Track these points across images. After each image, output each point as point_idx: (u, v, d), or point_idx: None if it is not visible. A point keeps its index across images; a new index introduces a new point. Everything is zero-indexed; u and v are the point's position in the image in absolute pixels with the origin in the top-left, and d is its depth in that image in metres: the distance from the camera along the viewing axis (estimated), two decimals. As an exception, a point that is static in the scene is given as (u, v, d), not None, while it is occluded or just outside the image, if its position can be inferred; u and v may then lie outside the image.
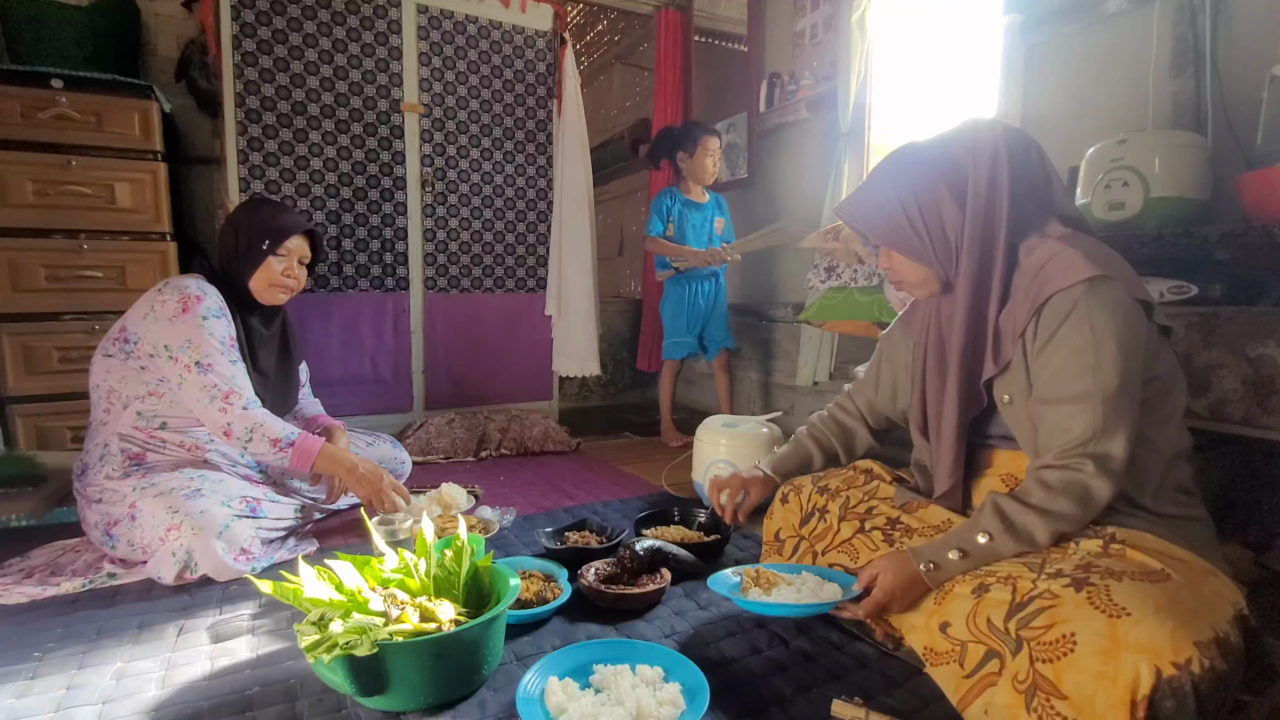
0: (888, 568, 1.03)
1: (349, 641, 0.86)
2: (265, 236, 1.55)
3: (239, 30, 2.31)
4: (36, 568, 1.41)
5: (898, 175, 1.08)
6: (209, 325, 1.45)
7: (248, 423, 1.43)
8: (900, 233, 1.07)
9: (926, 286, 1.12)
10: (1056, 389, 0.95)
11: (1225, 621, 0.78)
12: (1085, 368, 0.92)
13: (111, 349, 1.46)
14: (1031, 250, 1.02)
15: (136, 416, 1.45)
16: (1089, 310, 0.92)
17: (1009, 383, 1.04)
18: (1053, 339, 0.95)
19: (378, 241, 2.61)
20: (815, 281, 2.33)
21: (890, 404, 1.36)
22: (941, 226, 1.05)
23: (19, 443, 2.15)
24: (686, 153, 2.67)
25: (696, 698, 0.92)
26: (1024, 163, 1.03)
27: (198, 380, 1.41)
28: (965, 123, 1.07)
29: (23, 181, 2.11)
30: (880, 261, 1.17)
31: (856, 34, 2.50)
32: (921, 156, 1.07)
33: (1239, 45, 1.53)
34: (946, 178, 1.04)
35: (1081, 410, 0.92)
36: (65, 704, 0.96)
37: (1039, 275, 0.97)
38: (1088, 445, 0.92)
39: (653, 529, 1.60)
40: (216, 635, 1.16)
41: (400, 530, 1.51)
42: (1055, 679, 0.79)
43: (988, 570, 0.96)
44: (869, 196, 1.11)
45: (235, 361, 1.49)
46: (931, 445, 1.17)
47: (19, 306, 2.14)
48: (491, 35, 2.75)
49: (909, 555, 1.02)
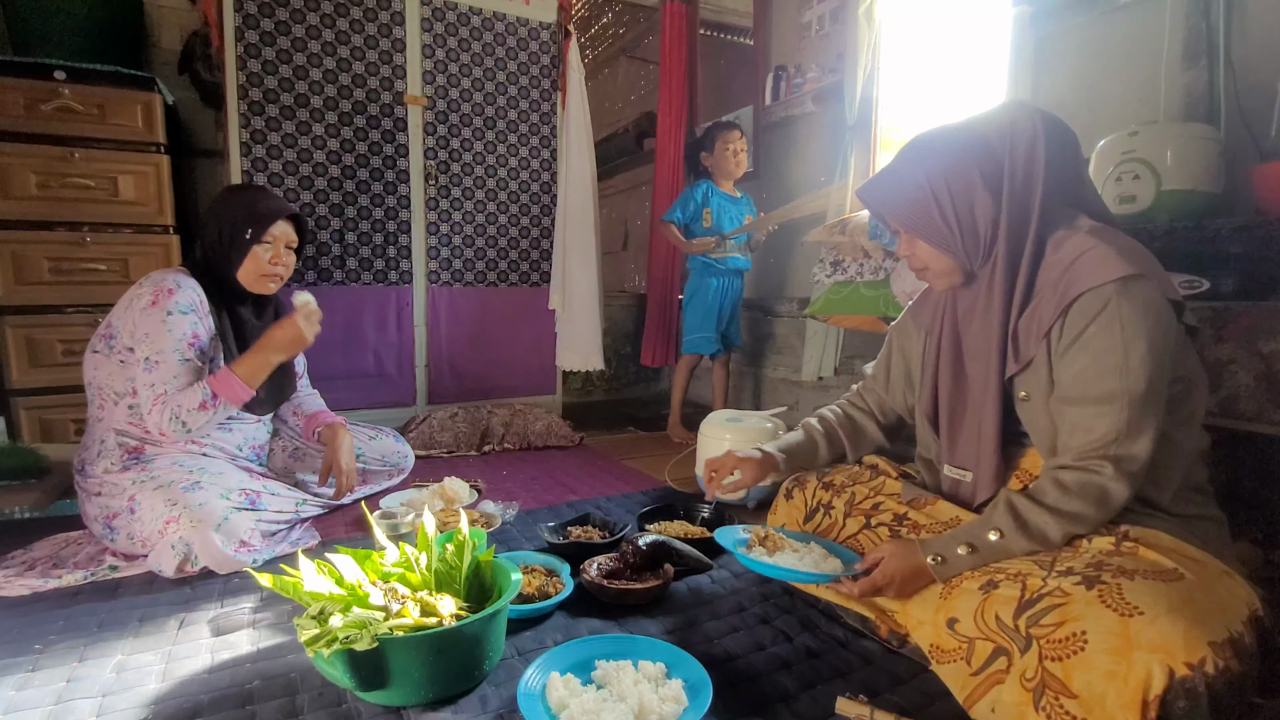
0: (894, 554, 1.03)
1: (349, 636, 0.85)
2: (248, 225, 1.49)
3: (242, 22, 2.30)
4: (39, 560, 1.40)
5: (927, 159, 1.02)
6: (171, 321, 1.41)
7: (168, 413, 1.38)
8: (927, 219, 1.03)
9: (948, 277, 1.08)
10: (1081, 389, 0.92)
11: (1240, 622, 0.76)
12: (1113, 369, 0.89)
13: (99, 345, 1.45)
14: (1059, 244, 0.97)
15: (129, 411, 1.45)
16: (1120, 310, 0.88)
17: (1029, 380, 1.01)
18: (1080, 338, 0.92)
19: (381, 235, 2.60)
20: (821, 276, 2.32)
21: (901, 398, 1.32)
22: (972, 215, 1.00)
23: (22, 435, 2.15)
24: (708, 152, 2.70)
25: (699, 694, 0.91)
26: (1060, 154, 0.98)
27: (144, 378, 1.39)
28: (1002, 105, 1.02)
29: (26, 174, 2.11)
30: (900, 248, 1.12)
31: (863, 26, 2.47)
32: (954, 140, 1.01)
33: (1253, 36, 1.50)
34: (980, 165, 0.99)
35: (1107, 412, 0.90)
36: (65, 696, 0.96)
37: (1068, 271, 0.93)
38: (1109, 447, 0.89)
39: (656, 524, 1.59)
40: (217, 628, 1.16)
41: (402, 524, 1.50)
42: (1065, 677, 0.77)
43: (997, 567, 0.95)
44: (895, 179, 1.06)
45: (185, 361, 1.42)
46: (960, 445, 1.12)
47: (22, 299, 2.14)
48: (495, 27, 2.74)
49: (916, 545, 1.01)
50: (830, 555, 1.17)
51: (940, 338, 1.15)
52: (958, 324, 1.12)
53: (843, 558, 1.16)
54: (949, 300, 1.14)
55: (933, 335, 1.18)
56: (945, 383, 1.13)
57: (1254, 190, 1.34)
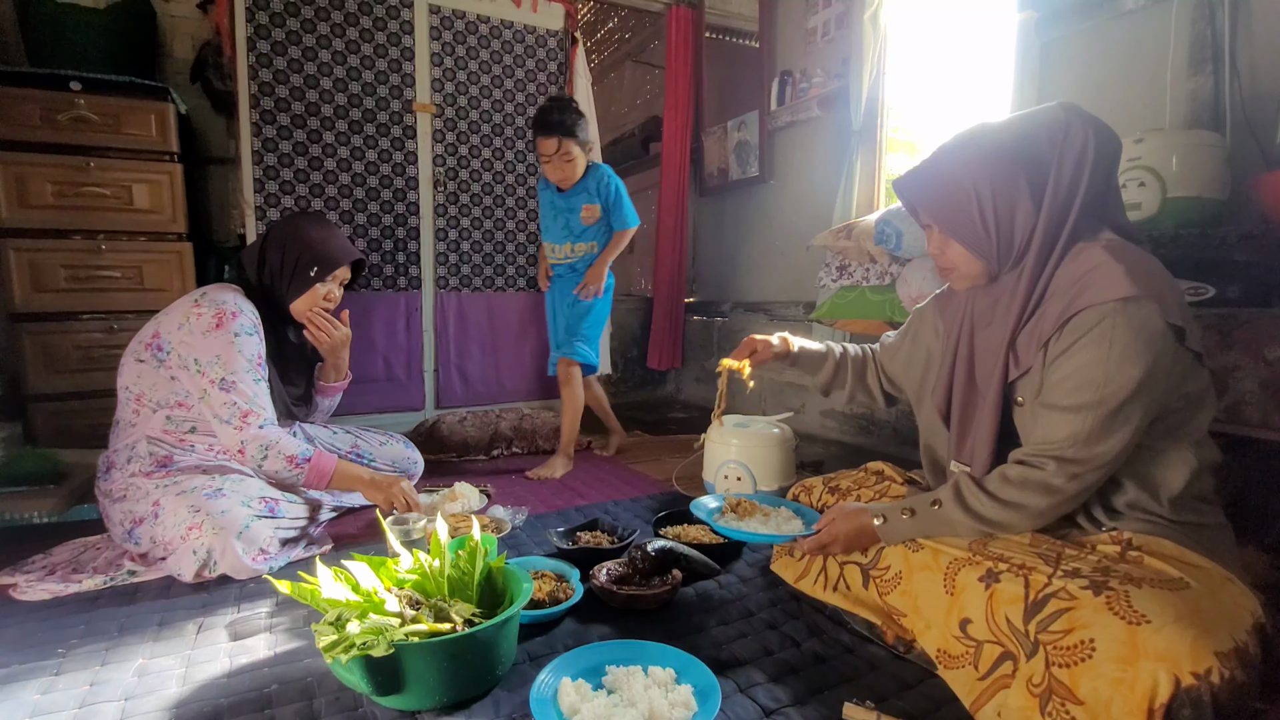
0: (842, 513, 1.15)
1: (366, 642, 0.87)
2: (314, 264, 1.57)
3: (253, 32, 2.33)
4: (59, 565, 1.43)
5: (974, 160, 0.99)
6: (240, 343, 1.46)
7: (262, 441, 1.45)
8: (966, 223, 1.01)
9: (973, 279, 1.08)
10: (1057, 396, 0.95)
11: (1244, 631, 0.77)
12: (1092, 382, 0.90)
13: (144, 354, 1.47)
14: (1078, 255, 0.97)
15: (166, 420, 1.48)
16: (1114, 328, 0.88)
17: (1025, 386, 1.02)
18: (1071, 349, 0.93)
19: (390, 241, 2.63)
20: (827, 280, 2.33)
21: (904, 376, 1.33)
22: (1012, 223, 0.99)
23: (40, 440, 2.18)
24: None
25: (708, 700, 0.93)
26: (1105, 167, 0.97)
27: (220, 397, 1.43)
28: (1053, 108, 0.99)
29: (43, 183, 2.14)
30: (931, 245, 1.10)
31: (869, 31, 2.48)
32: (1004, 143, 0.98)
33: (1259, 42, 1.51)
34: (1029, 173, 0.96)
35: (1071, 420, 0.92)
36: (89, 700, 0.98)
37: (1077, 284, 0.94)
38: (1061, 448, 0.93)
39: (673, 528, 1.60)
40: (235, 633, 1.18)
41: (415, 530, 1.52)
42: (1072, 684, 0.79)
43: (996, 555, 0.96)
44: (937, 175, 1.03)
45: (259, 381, 1.49)
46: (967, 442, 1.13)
47: (40, 306, 2.17)
48: (503, 35, 2.76)
49: (865, 508, 1.13)
50: (795, 516, 1.32)
51: (959, 337, 1.15)
52: (974, 324, 1.13)
53: (806, 519, 1.30)
54: (970, 299, 1.14)
55: (952, 332, 1.18)
56: (959, 380, 1.14)
57: (1259, 197, 1.34)
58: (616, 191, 2.29)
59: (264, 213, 2.43)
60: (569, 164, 2.19)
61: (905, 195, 1.10)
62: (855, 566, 1.19)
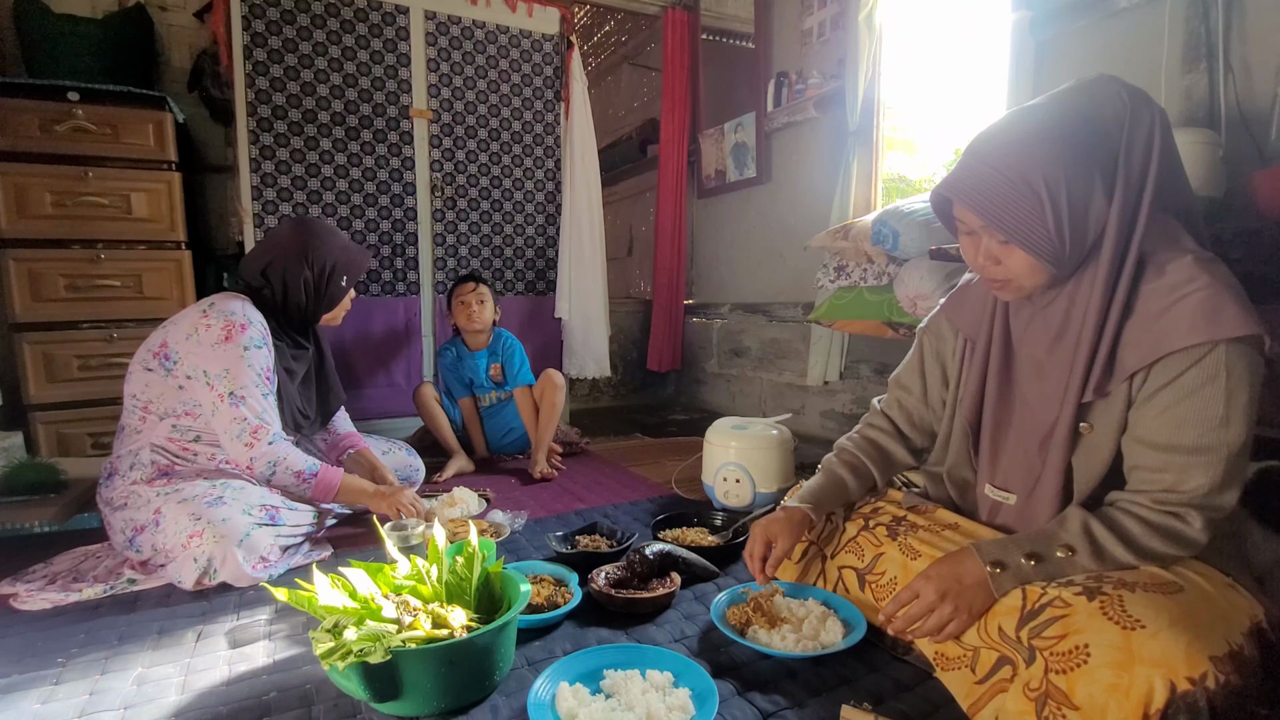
0: (937, 571, 0.93)
1: (363, 649, 0.87)
2: (344, 273, 1.62)
3: (250, 40, 2.34)
4: (59, 574, 1.43)
5: (1032, 151, 0.85)
6: (249, 356, 1.46)
7: (271, 457, 1.46)
8: (1031, 223, 0.86)
9: (1029, 290, 0.95)
10: (1170, 436, 0.85)
11: (1240, 634, 0.76)
12: (1212, 421, 0.82)
13: (152, 363, 1.47)
14: (1162, 268, 0.86)
15: (171, 429, 1.48)
16: (1230, 367, 0.81)
17: (1099, 412, 0.93)
18: (1176, 382, 0.84)
19: (388, 247, 2.64)
20: (825, 281, 2.33)
21: (940, 399, 1.19)
22: (1085, 220, 0.86)
23: (41, 449, 2.19)
24: (449, 312, 2.45)
25: (706, 703, 0.93)
26: (1173, 147, 0.87)
27: (229, 411, 1.44)
28: (1103, 82, 0.87)
29: (42, 193, 2.15)
30: (977, 256, 0.95)
31: (864, 32, 2.48)
32: (1069, 131, 0.85)
33: (1252, 39, 1.51)
34: (1100, 161, 0.84)
35: (1201, 464, 0.84)
36: (89, 709, 0.99)
37: (1174, 309, 0.83)
38: (1202, 498, 0.84)
39: (671, 531, 1.60)
40: (234, 640, 1.19)
41: (412, 535, 1.52)
42: (1068, 689, 0.78)
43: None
44: (992, 177, 0.87)
45: (268, 395, 1.50)
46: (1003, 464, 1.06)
47: (39, 316, 2.18)
48: (499, 40, 2.77)
49: (970, 551, 0.92)
50: (829, 612, 1.15)
51: (989, 346, 1.05)
52: (1010, 333, 1.04)
53: (841, 613, 1.14)
54: (998, 307, 1.05)
55: (979, 342, 1.08)
56: (991, 395, 1.05)
57: (1254, 194, 1.34)
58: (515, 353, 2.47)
59: (262, 220, 2.44)
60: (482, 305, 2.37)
61: (958, 196, 0.92)
62: (852, 571, 1.19)
